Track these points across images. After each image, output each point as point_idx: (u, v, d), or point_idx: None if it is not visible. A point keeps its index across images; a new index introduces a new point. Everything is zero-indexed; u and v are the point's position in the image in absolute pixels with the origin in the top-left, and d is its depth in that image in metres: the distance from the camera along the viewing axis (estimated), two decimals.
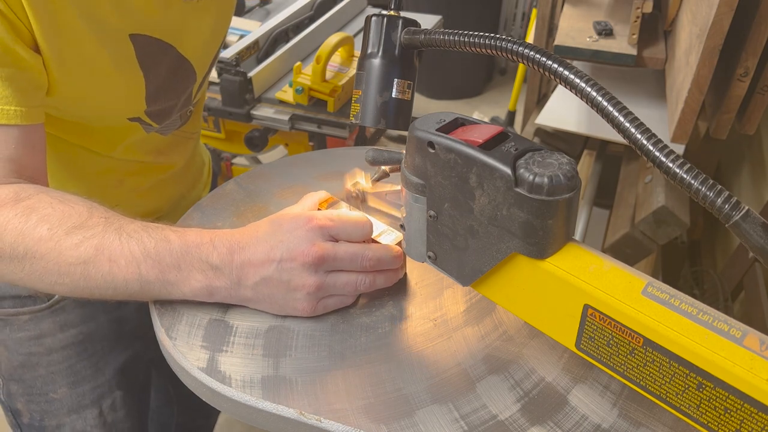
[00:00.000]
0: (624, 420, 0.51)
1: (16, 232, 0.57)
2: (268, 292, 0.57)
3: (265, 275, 0.56)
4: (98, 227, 0.58)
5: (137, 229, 0.58)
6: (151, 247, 0.57)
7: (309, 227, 0.57)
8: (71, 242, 0.57)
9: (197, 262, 0.57)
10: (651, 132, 0.42)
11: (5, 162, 0.61)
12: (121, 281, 0.57)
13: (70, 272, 0.57)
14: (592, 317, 0.46)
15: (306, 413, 0.51)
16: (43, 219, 0.57)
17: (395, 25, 0.58)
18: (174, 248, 0.57)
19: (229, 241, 0.57)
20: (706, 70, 0.93)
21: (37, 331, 0.84)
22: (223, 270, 0.57)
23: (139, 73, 0.71)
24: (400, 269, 0.62)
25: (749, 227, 0.39)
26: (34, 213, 0.58)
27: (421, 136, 0.50)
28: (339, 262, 0.57)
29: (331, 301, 0.59)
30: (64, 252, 0.57)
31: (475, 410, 0.51)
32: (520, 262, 0.49)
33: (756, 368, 0.39)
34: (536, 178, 0.44)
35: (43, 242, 0.57)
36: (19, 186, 0.60)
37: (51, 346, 0.85)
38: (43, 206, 0.58)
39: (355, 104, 0.60)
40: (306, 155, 0.89)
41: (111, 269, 0.57)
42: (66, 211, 0.58)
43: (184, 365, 0.56)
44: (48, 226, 0.57)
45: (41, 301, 0.83)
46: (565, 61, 0.45)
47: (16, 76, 0.60)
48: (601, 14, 1.36)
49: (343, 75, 1.46)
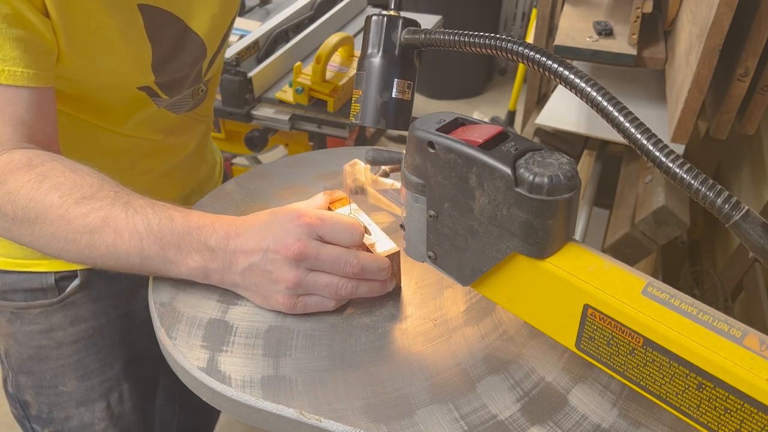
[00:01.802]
0: (624, 420, 0.51)
1: (28, 197, 0.59)
2: (254, 280, 0.59)
3: (252, 262, 0.58)
4: (107, 199, 0.60)
5: (144, 205, 0.60)
6: (154, 224, 0.59)
7: (297, 223, 0.58)
8: (80, 211, 0.59)
9: (196, 243, 0.59)
10: (651, 132, 0.42)
11: (17, 125, 0.62)
12: (123, 254, 0.59)
13: (77, 240, 0.59)
14: (592, 317, 0.46)
15: (306, 413, 0.51)
16: (55, 187, 0.59)
17: (395, 25, 0.58)
18: (176, 227, 0.59)
19: (228, 226, 0.59)
20: (706, 70, 0.93)
21: (47, 325, 0.86)
22: (217, 253, 0.58)
23: (147, 43, 0.71)
24: (387, 282, 0.61)
25: (749, 227, 0.39)
26: (47, 180, 0.60)
27: (421, 136, 0.50)
28: (321, 262, 0.57)
29: (312, 301, 0.59)
30: (73, 220, 0.59)
31: (475, 410, 0.51)
32: (520, 262, 0.49)
33: (756, 368, 0.39)
34: (536, 178, 0.44)
35: (54, 209, 0.59)
36: (33, 152, 0.62)
37: (61, 339, 0.86)
38: (55, 174, 0.60)
39: (355, 104, 0.60)
40: (306, 155, 0.89)
41: (115, 241, 0.59)
42: (77, 180, 0.60)
43: (184, 365, 0.56)
44: (59, 194, 0.59)
45: (52, 295, 0.84)
46: (565, 61, 0.45)
47: (26, 39, 0.60)
48: (601, 14, 1.36)
49: (343, 75, 1.46)
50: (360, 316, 0.61)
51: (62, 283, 0.85)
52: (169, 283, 0.64)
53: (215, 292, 0.63)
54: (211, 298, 0.62)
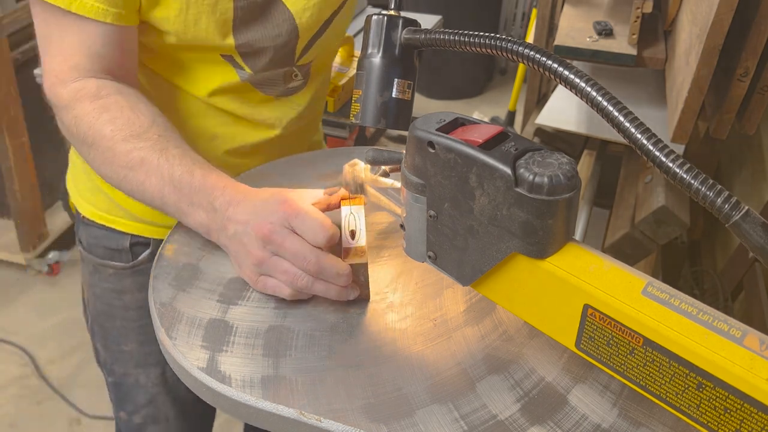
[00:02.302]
0: (624, 420, 0.51)
1: (88, 125, 0.68)
2: (234, 248, 0.63)
3: (237, 231, 0.62)
4: (149, 142, 0.67)
5: (177, 155, 0.66)
6: (177, 175, 0.65)
7: (277, 208, 0.60)
8: (124, 148, 0.67)
9: (206, 202, 0.64)
10: (651, 132, 0.42)
11: (94, 57, 0.70)
12: (148, 194, 0.67)
13: (117, 172, 0.68)
14: (592, 317, 0.46)
15: (306, 413, 0.51)
16: (111, 120, 0.68)
17: (395, 24, 0.58)
18: (194, 183, 0.64)
19: (234, 194, 0.64)
20: (706, 70, 0.93)
21: (119, 286, 0.93)
22: (218, 215, 0.63)
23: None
24: (347, 289, 0.60)
25: (749, 227, 0.39)
26: (106, 113, 0.68)
27: (421, 136, 0.50)
28: (284, 250, 0.59)
29: (270, 282, 0.61)
30: (117, 155, 0.67)
31: (475, 410, 0.51)
32: (520, 262, 0.49)
33: (756, 368, 0.39)
34: (536, 177, 0.44)
35: (105, 140, 0.67)
36: (102, 82, 0.70)
37: (128, 303, 0.93)
38: (115, 108, 0.69)
39: (355, 104, 0.60)
40: (306, 155, 0.89)
41: (144, 181, 0.66)
42: (131, 118, 0.68)
43: (184, 365, 0.56)
44: (112, 128, 0.67)
45: (126, 259, 0.91)
46: (565, 61, 0.45)
47: None
48: (601, 14, 1.36)
49: (343, 75, 1.46)
50: (360, 316, 0.61)
51: (136, 248, 0.91)
52: (169, 283, 0.64)
53: (215, 292, 0.63)
54: (211, 298, 0.62)
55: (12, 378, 1.90)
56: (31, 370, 1.92)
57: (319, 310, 0.61)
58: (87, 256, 0.94)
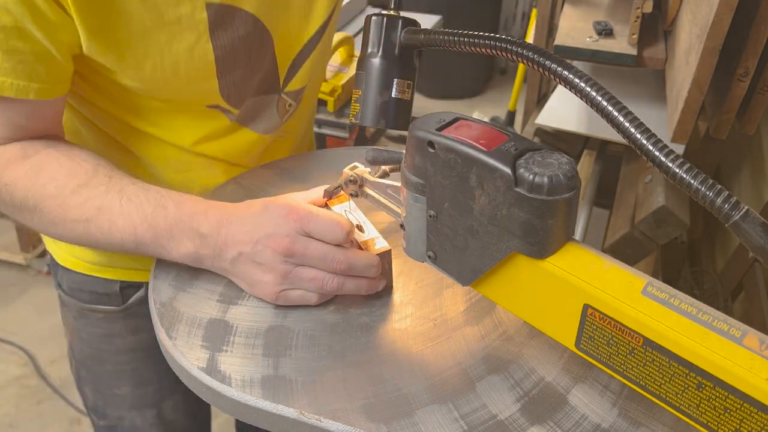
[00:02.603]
0: (624, 420, 0.51)
1: (25, 189, 0.62)
2: (242, 269, 0.60)
3: (241, 252, 0.59)
4: (101, 187, 0.62)
5: (137, 192, 0.62)
6: (148, 212, 0.60)
7: (288, 218, 0.58)
8: (76, 201, 0.61)
9: (188, 231, 0.60)
10: (651, 132, 0.42)
11: (17, 128, 0.63)
12: (118, 239, 0.61)
13: (74, 228, 0.62)
14: (591, 317, 0.46)
15: (306, 413, 0.51)
16: (51, 178, 0.62)
17: (395, 24, 0.58)
18: (169, 215, 0.60)
19: (220, 214, 0.60)
20: (706, 70, 0.93)
21: (109, 330, 0.87)
22: (209, 240, 0.60)
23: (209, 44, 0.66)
24: (377, 280, 0.61)
25: (749, 227, 0.39)
26: (42, 171, 0.62)
27: (421, 136, 0.50)
28: (308, 258, 0.58)
29: (294, 295, 0.59)
30: (69, 210, 0.61)
31: (474, 410, 0.51)
32: (520, 262, 0.49)
33: (756, 368, 0.39)
34: (536, 177, 0.44)
35: (51, 199, 0.61)
36: (25, 142, 0.64)
37: (120, 347, 0.88)
38: (50, 163, 0.62)
39: (355, 104, 0.60)
40: (306, 155, 0.89)
41: (110, 228, 0.61)
42: (73, 168, 0.62)
43: (184, 365, 0.56)
44: (55, 185, 0.61)
45: (116, 302, 0.86)
46: (565, 61, 0.45)
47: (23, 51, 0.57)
48: (601, 14, 1.36)
49: (343, 75, 1.46)
50: (360, 316, 0.61)
51: (127, 291, 0.86)
52: (169, 283, 0.64)
53: (215, 292, 0.63)
54: (211, 298, 0.62)
55: (12, 378, 1.90)
56: (31, 370, 1.92)
57: (319, 310, 0.61)
58: (69, 301, 0.88)
